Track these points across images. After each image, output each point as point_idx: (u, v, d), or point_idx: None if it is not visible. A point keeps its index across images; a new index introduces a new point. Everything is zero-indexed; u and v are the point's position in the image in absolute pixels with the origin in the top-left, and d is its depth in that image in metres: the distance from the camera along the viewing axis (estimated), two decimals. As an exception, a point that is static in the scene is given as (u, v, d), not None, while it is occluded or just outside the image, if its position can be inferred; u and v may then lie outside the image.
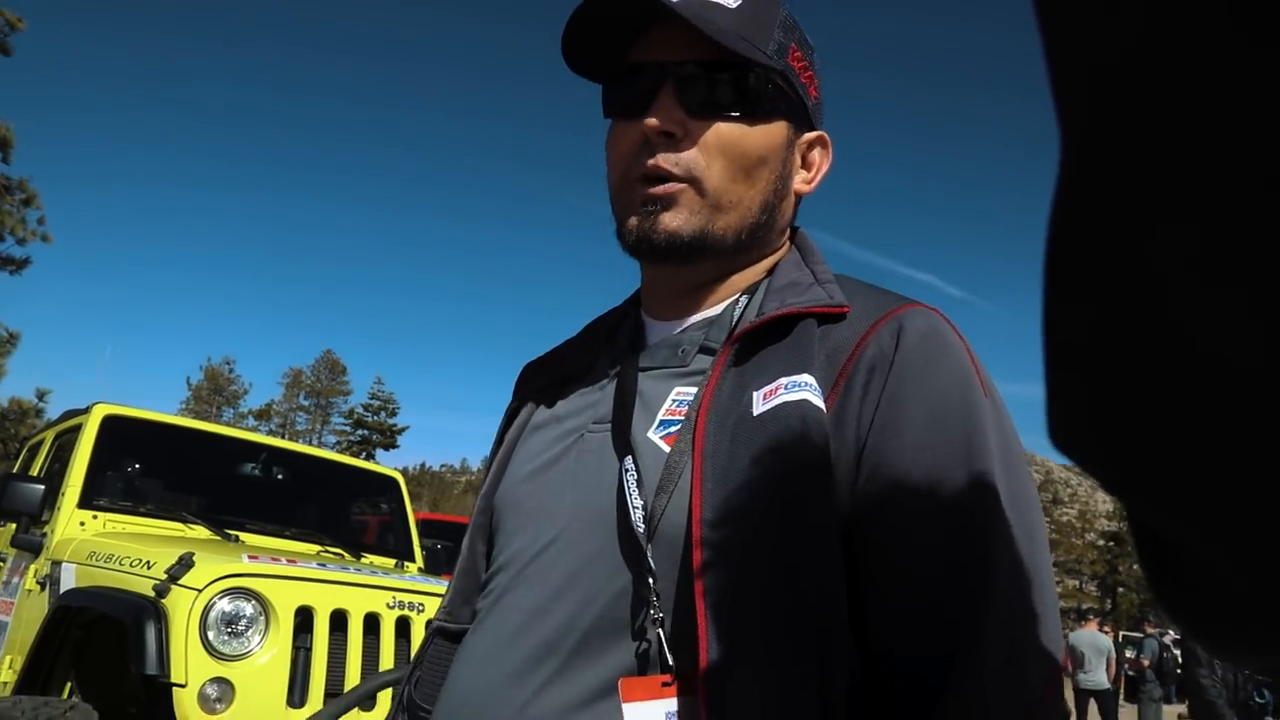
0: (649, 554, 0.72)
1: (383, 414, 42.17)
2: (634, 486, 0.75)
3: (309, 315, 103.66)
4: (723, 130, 0.81)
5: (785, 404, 0.71)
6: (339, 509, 5.29)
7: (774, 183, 0.85)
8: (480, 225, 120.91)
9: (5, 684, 3.70)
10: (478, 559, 0.89)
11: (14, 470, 5.15)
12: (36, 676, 3.42)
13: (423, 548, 5.22)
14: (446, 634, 0.88)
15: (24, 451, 5.45)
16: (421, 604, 3.38)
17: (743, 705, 0.64)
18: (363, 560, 4.47)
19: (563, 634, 0.73)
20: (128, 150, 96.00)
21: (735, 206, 0.82)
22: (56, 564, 3.71)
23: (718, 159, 0.81)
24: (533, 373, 0.98)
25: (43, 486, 3.98)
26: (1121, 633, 12.07)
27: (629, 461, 0.76)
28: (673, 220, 0.81)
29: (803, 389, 0.71)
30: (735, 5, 0.82)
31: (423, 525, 8.15)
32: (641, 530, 0.72)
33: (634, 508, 0.73)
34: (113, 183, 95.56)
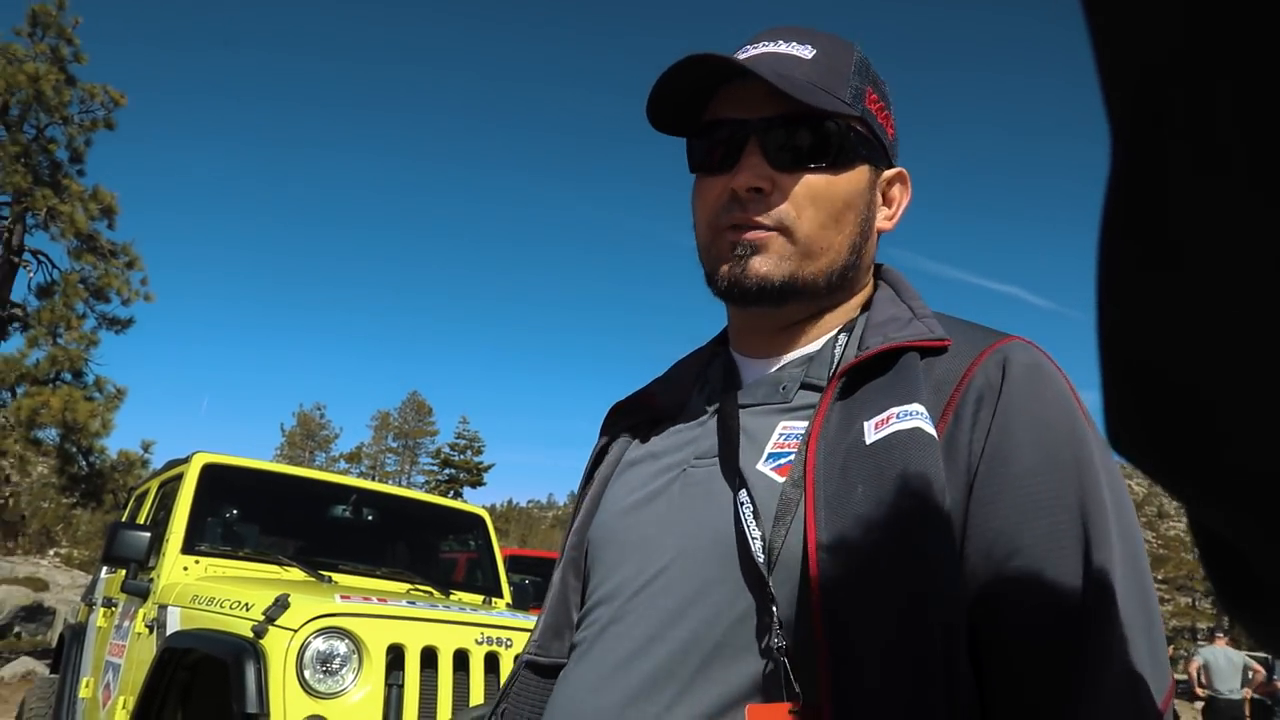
0: (770, 581, 0.73)
1: (469, 453, 42.80)
2: (750, 518, 0.76)
3: (395, 359, 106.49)
4: (810, 182, 0.83)
5: (899, 432, 0.72)
6: (427, 547, 5.38)
7: (860, 225, 0.87)
8: (557, 260, 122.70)
9: (119, 725, 3.85)
10: (569, 593, 0.90)
11: (123, 519, 5.39)
12: (147, 716, 3.54)
13: (510, 583, 5.26)
14: (536, 667, 0.89)
15: (131, 500, 5.71)
16: (509, 639, 3.41)
17: None
18: (451, 597, 4.53)
19: (681, 658, 0.75)
20: (220, 210, 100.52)
21: (825, 252, 0.84)
22: (163, 608, 3.86)
23: (807, 209, 0.83)
24: (621, 412, 1.00)
25: (149, 534, 4.14)
26: (1245, 652, 11.51)
27: (744, 494, 0.78)
28: (763, 265, 0.83)
29: (915, 417, 0.73)
30: (810, 55, 0.84)
31: (511, 561, 8.26)
32: (762, 559, 0.73)
33: (753, 538, 0.75)
34: (208, 243, 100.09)
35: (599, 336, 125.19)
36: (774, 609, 0.72)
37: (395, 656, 3.13)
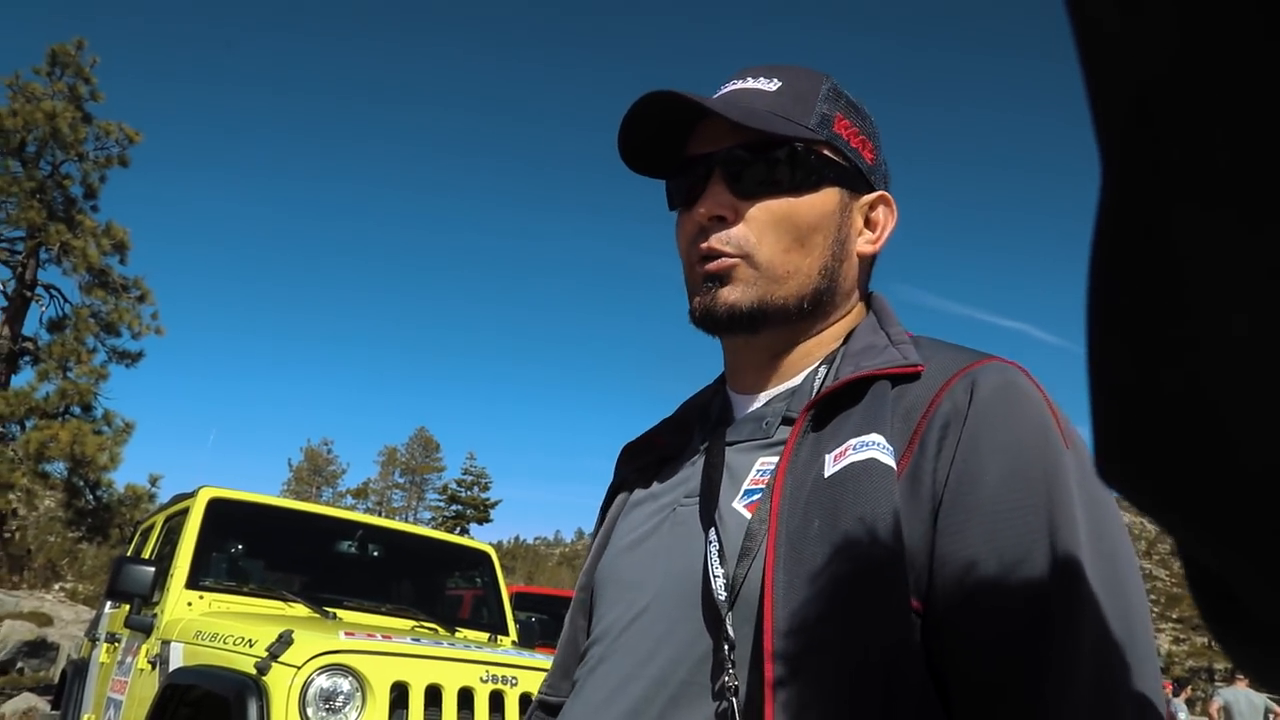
0: (729, 622, 0.73)
1: (475, 489, 42.70)
2: (715, 556, 0.77)
3: (402, 395, 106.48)
4: (769, 206, 0.84)
5: (853, 464, 0.72)
6: (433, 584, 5.35)
7: (830, 247, 0.86)
8: (563, 296, 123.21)
9: (119, 763, 3.80)
10: (578, 633, 0.92)
11: (128, 553, 5.38)
12: (148, 755, 3.51)
13: (517, 621, 5.22)
14: (547, 707, 0.92)
15: (136, 535, 5.69)
16: (515, 677, 3.37)
17: None
18: (456, 635, 4.50)
19: (651, 698, 0.75)
20: (229, 244, 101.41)
21: (793, 275, 0.84)
22: (166, 643, 3.84)
23: (768, 233, 0.84)
24: (631, 453, 1.01)
25: (153, 568, 4.14)
26: (1266, 695, 11.30)
27: (712, 533, 0.78)
28: (730, 294, 0.84)
29: (870, 448, 0.72)
30: (775, 88, 0.86)
31: (517, 598, 8.20)
32: (723, 598, 0.74)
33: (714, 576, 0.75)
34: (217, 276, 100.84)
35: (607, 373, 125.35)
36: (728, 648, 0.72)
37: (399, 694, 3.10)
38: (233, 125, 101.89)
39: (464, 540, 5.74)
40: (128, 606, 4.23)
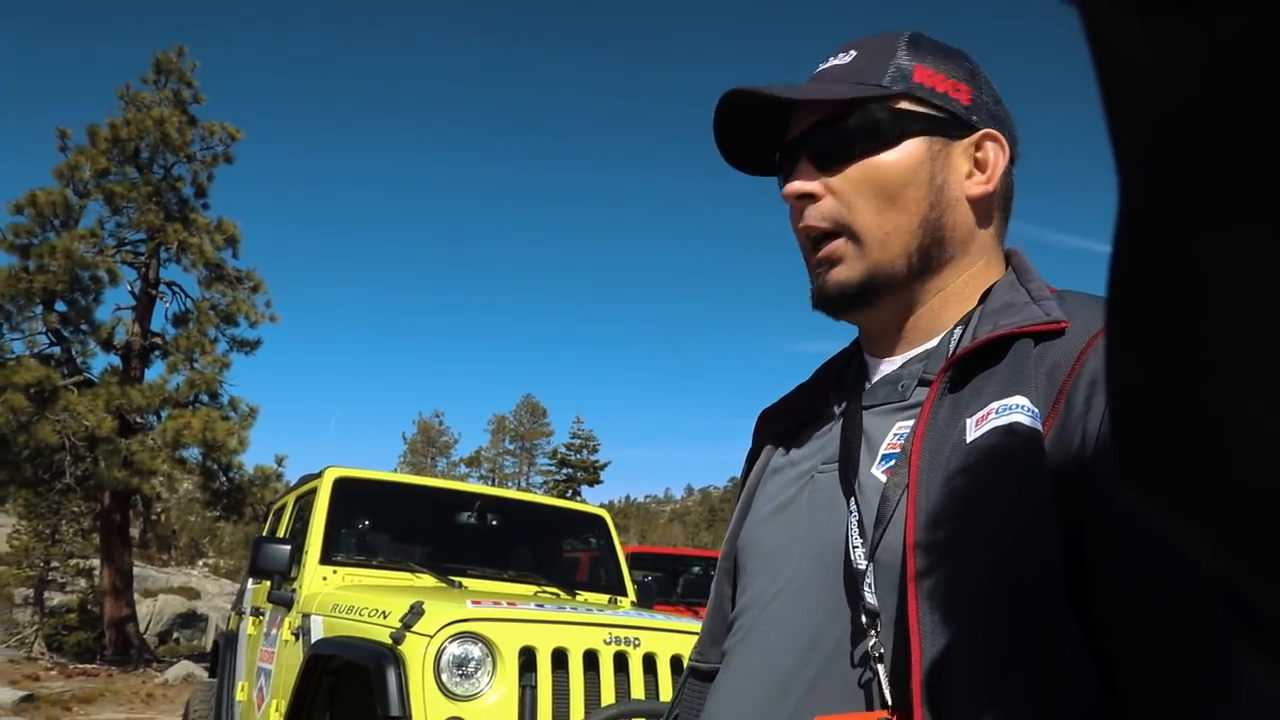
0: (867, 590, 0.73)
1: (584, 451, 43.37)
2: (854, 525, 0.77)
3: (508, 363, 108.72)
4: (850, 173, 0.84)
5: (996, 428, 0.69)
6: (551, 549, 5.49)
7: (927, 199, 0.84)
8: (664, 258, 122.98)
9: (274, 727, 4.06)
10: (723, 601, 0.93)
11: (264, 533, 5.69)
12: (299, 718, 3.73)
13: (634, 581, 5.31)
14: (699, 674, 0.93)
15: (270, 515, 6.01)
16: (637, 639, 3.44)
17: None
18: (577, 598, 4.61)
19: (798, 672, 0.76)
20: (331, 229, 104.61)
21: (894, 235, 0.83)
22: (306, 616, 4.06)
23: (857, 199, 0.83)
24: (769, 419, 1.02)
25: (289, 546, 4.35)
26: None
27: (852, 503, 0.78)
28: (839, 273, 0.84)
29: (1013, 411, 0.69)
30: (849, 60, 0.86)
31: (632, 558, 8.32)
32: (861, 567, 0.74)
33: (853, 546, 0.75)
34: (321, 260, 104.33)
35: (707, 331, 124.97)
36: (869, 617, 0.72)
37: (527, 659, 3.21)
38: (327, 107, 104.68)
39: (579, 505, 5.86)
40: (268, 583, 4.48)
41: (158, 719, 10.17)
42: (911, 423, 0.79)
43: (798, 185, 0.85)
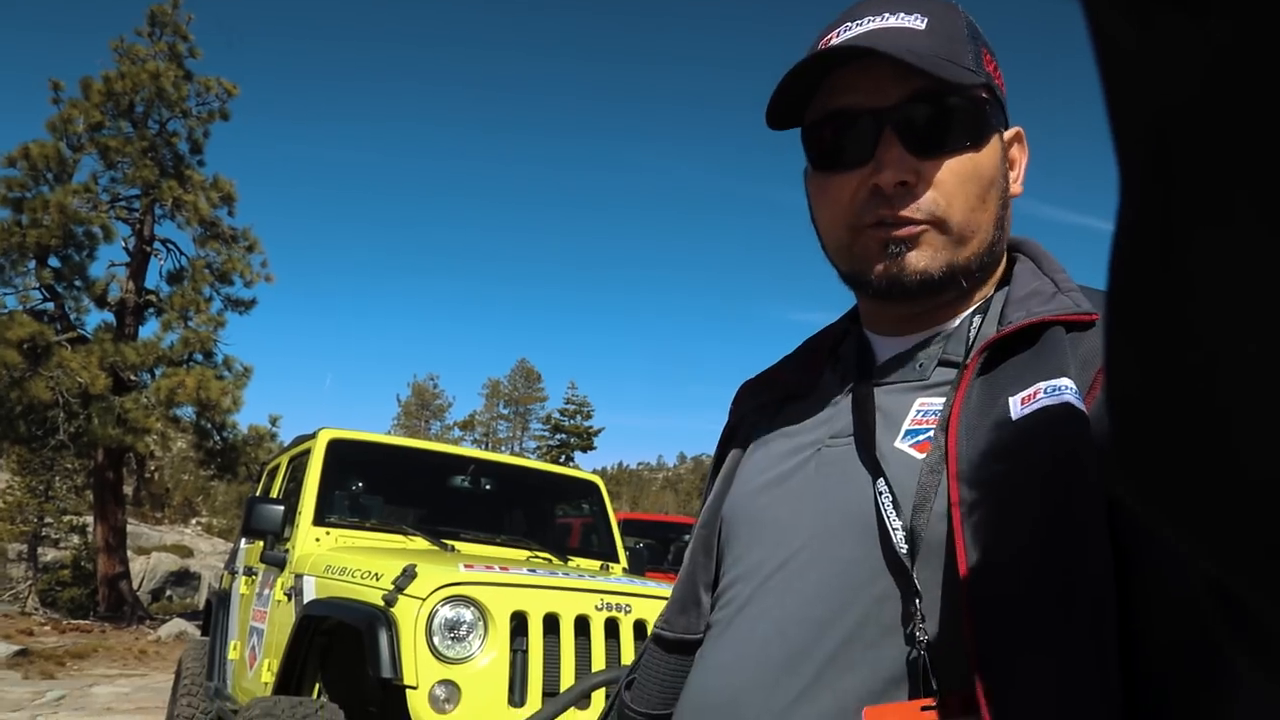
0: (915, 572, 0.71)
1: (578, 418, 43.46)
2: (889, 503, 0.74)
3: (503, 328, 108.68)
4: (954, 167, 0.78)
5: (1047, 408, 0.68)
6: (544, 514, 5.51)
7: (1001, 197, 0.83)
8: (660, 225, 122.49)
9: (266, 684, 4.09)
10: (698, 570, 0.90)
11: (257, 493, 5.69)
12: (290, 678, 3.76)
13: (626, 548, 5.33)
14: (663, 641, 0.90)
15: (264, 475, 6.01)
16: (628, 605, 3.46)
17: None
18: (570, 564, 4.63)
19: (814, 642, 0.74)
20: (329, 189, 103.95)
21: (976, 233, 0.81)
22: (299, 577, 4.07)
23: (958, 195, 0.79)
24: (751, 391, 0.99)
25: (282, 507, 4.37)
26: None
27: (881, 481, 0.76)
28: (920, 260, 0.79)
29: (1065, 393, 0.69)
30: (925, 25, 0.78)
31: (624, 525, 8.36)
32: (905, 548, 0.71)
33: (893, 528, 0.73)
34: (319, 221, 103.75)
35: (699, 299, 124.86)
36: (917, 599, 0.69)
37: (519, 623, 3.22)
38: (325, 68, 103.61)
39: (572, 471, 5.87)
40: (261, 543, 4.49)
41: (150, 675, 10.26)
42: (937, 400, 0.78)
43: (898, 173, 0.77)
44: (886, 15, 0.78)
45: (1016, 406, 0.70)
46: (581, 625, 3.36)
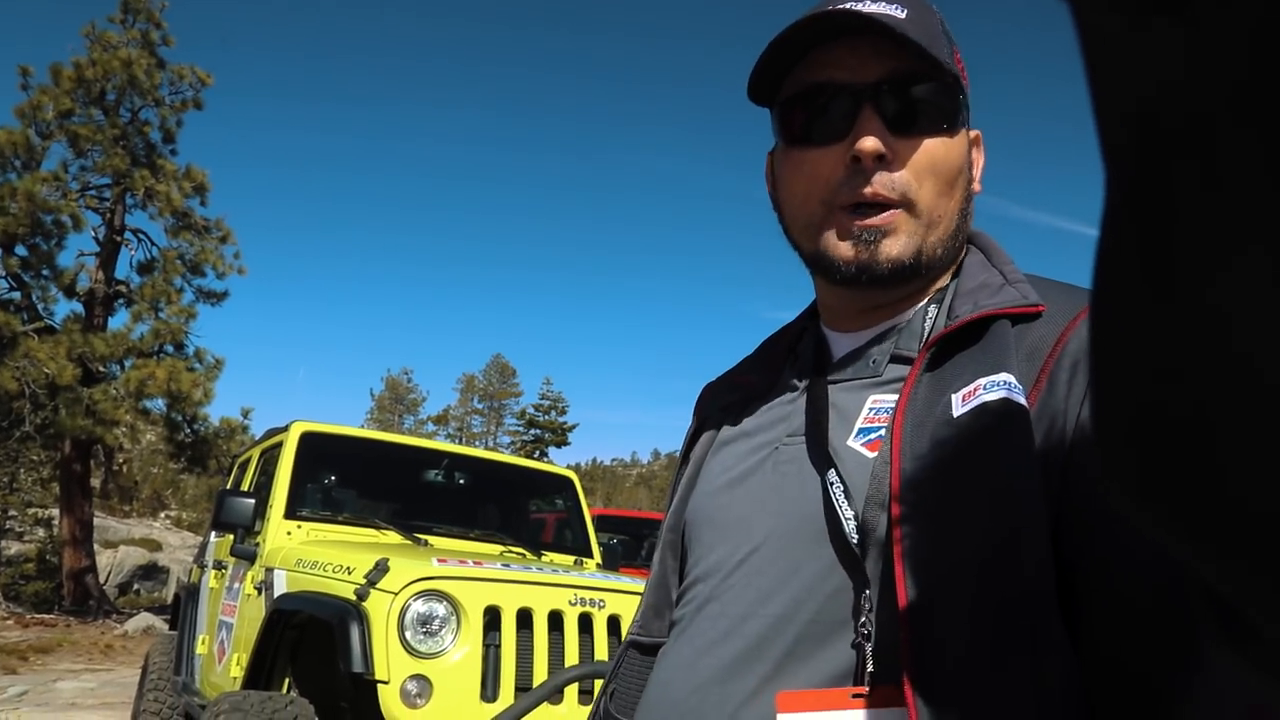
0: (867, 565, 0.71)
1: (553, 413, 43.42)
2: (841, 497, 0.74)
3: (478, 323, 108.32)
4: (929, 148, 0.79)
5: (986, 404, 0.69)
6: (518, 509, 5.50)
7: (965, 189, 0.83)
8: (635, 219, 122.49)
9: (235, 679, 4.05)
10: (668, 573, 0.90)
11: (228, 486, 5.64)
12: (260, 672, 3.73)
13: (599, 544, 5.34)
14: (640, 647, 0.90)
15: (235, 468, 5.95)
16: (602, 600, 3.46)
17: (951, 716, 0.62)
18: (543, 559, 4.62)
19: (770, 638, 0.74)
20: (303, 179, 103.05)
21: (941, 220, 0.81)
22: (269, 570, 4.03)
23: (928, 178, 0.79)
24: (713, 392, 0.99)
25: (253, 500, 4.32)
26: None
27: (833, 474, 0.76)
28: (893, 247, 0.79)
29: (1002, 388, 0.69)
30: (905, 15, 0.78)
31: (598, 520, 8.37)
32: (855, 540, 0.72)
33: (845, 519, 0.73)
34: (294, 212, 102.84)
35: (676, 295, 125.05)
36: (866, 590, 0.71)
37: (492, 618, 3.21)
38: (299, 53, 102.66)
39: (547, 466, 5.86)
40: (231, 536, 4.44)
41: (116, 670, 10.12)
42: (890, 398, 0.79)
43: (876, 144, 0.77)
44: (867, 2, 0.78)
45: (958, 404, 0.71)
46: (555, 620, 3.35)
